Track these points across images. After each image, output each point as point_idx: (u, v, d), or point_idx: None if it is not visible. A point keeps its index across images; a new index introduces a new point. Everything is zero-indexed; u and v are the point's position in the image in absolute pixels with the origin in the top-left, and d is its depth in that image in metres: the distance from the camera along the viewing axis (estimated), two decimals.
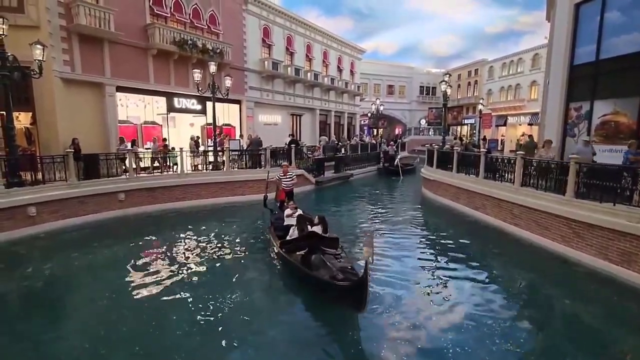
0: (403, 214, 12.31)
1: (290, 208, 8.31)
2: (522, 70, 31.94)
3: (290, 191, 9.82)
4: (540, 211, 8.32)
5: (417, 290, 6.15)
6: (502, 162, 10.65)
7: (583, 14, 11.09)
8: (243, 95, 19.43)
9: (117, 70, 13.57)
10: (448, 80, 16.14)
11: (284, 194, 9.74)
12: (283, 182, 9.67)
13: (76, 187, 10.26)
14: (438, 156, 14.55)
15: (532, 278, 6.95)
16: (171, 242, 8.92)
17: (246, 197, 13.55)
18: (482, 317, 5.28)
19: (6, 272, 7.06)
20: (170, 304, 5.75)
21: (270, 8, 20.93)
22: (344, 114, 29.79)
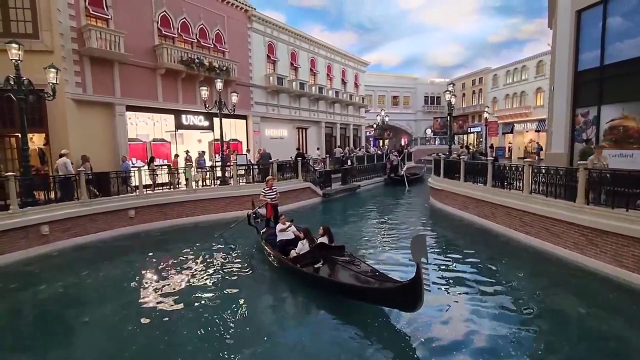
0: (412, 225, 12.22)
1: (282, 222, 8.23)
2: (526, 78, 31.94)
3: (276, 206, 9.73)
4: (551, 218, 8.20)
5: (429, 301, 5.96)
6: (510, 169, 10.57)
7: (585, 20, 11.14)
8: (249, 110, 19.74)
9: (126, 90, 13.96)
10: (452, 89, 16.20)
11: (271, 209, 9.62)
12: (268, 196, 9.51)
13: (87, 205, 10.44)
14: (445, 165, 14.49)
15: (546, 286, 6.80)
16: (181, 257, 8.96)
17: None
18: (494, 327, 5.19)
19: (20, 290, 7.16)
20: (181, 319, 5.76)
21: (275, 25, 21.43)
22: (350, 125, 29.99)
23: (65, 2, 12.15)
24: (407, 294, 4.66)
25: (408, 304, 4.77)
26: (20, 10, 11.59)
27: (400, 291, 4.80)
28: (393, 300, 5.12)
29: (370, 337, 5.07)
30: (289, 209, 14.63)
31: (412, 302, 4.63)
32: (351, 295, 5.73)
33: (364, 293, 5.56)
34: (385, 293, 5.21)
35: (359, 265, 6.39)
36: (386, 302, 5.37)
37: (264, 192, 9.60)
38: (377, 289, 5.37)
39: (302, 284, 6.74)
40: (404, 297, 4.76)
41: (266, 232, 8.92)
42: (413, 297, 4.56)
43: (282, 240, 7.98)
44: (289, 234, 8.08)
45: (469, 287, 6.73)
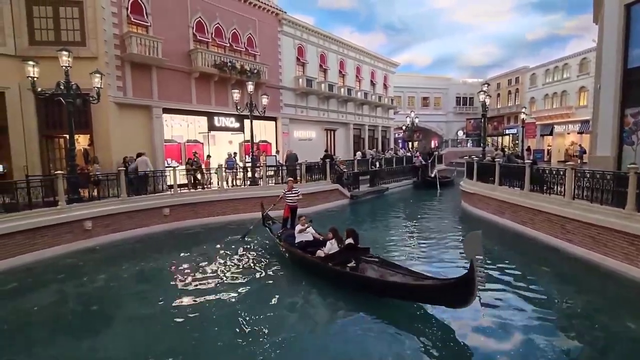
0: (443, 230, 11.86)
1: (302, 224, 8.14)
2: (568, 76, 30.18)
3: (295, 208, 9.67)
4: (597, 226, 7.66)
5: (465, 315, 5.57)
6: (550, 173, 10.00)
7: (635, 14, 10.36)
8: (278, 112, 20.01)
9: (163, 93, 14.59)
10: (487, 89, 15.61)
11: (289, 210, 9.59)
12: (288, 197, 9.54)
13: (126, 202, 10.99)
14: (478, 168, 13.97)
15: (591, 300, 6.36)
16: (212, 255, 9.22)
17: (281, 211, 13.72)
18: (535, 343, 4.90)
19: (66, 281, 7.65)
20: (211, 316, 5.90)
21: (304, 28, 21.63)
22: (378, 127, 29.67)
23: (110, 12, 12.90)
24: (460, 289, 4.74)
25: (460, 299, 4.86)
26: (70, 20, 12.43)
27: (454, 287, 4.87)
28: (445, 296, 5.15)
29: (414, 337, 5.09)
30: (317, 210, 14.69)
31: (465, 297, 4.73)
32: (395, 294, 5.83)
33: (412, 291, 5.60)
34: (438, 290, 5.24)
35: (391, 265, 6.51)
36: (436, 299, 5.40)
37: (285, 193, 9.70)
38: (429, 286, 5.38)
39: (333, 284, 6.72)
40: (457, 293, 4.84)
41: (284, 234, 8.88)
42: (466, 293, 4.66)
43: (302, 241, 7.93)
44: (307, 236, 8.04)
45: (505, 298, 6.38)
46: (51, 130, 12.68)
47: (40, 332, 5.59)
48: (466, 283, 4.61)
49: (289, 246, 7.99)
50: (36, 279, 7.70)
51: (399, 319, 5.55)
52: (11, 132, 12.02)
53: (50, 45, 11.62)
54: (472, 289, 4.55)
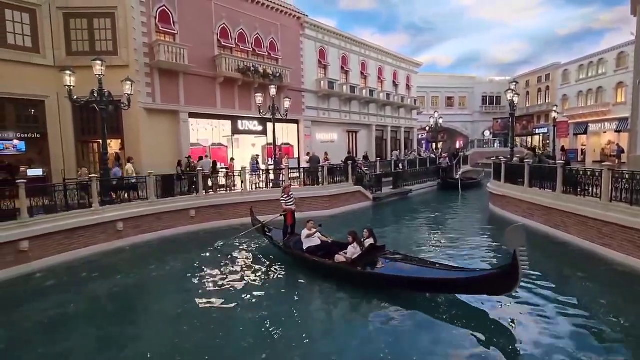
0: (469, 233, 11.50)
1: (309, 228, 8.02)
2: (604, 72, 28.61)
3: (294, 212, 9.31)
4: (637, 229, 7.21)
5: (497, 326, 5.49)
6: (584, 174, 9.51)
7: None
8: (301, 115, 20.16)
9: (190, 99, 15.06)
10: (515, 88, 15.07)
11: (291, 216, 9.20)
12: (287, 204, 9.15)
13: (155, 204, 11.39)
14: (506, 169, 13.48)
15: (634, 309, 5.97)
16: (236, 256, 9.40)
17: (305, 213, 13.78)
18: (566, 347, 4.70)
19: (100, 279, 8.02)
20: (237, 315, 6.03)
21: (326, 31, 21.71)
22: (401, 128, 29.27)
23: (139, 21, 13.47)
24: (506, 278, 5.13)
25: (505, 287, 5.28)
26: (103, 31, 13.10)
27: (501, 276, 5.22)
28: (491, 286, 5.48)
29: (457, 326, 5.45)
30: (340, 212, 14.66)
31: (510, 285, 5.17)
32: (434, 288, 6.21)
33: (456, 283, 5.88)
34: (485, 280, 5.53)
35: (416, 260, 6.88)
36: (481, 289, 5.74)
37: (283, 200, 9.25)
38: (481, 279, 5.63)
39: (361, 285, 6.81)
40: (504, 282, 5.21)
41: (291, 240, 8.68)
42: (511, 281, 5.08)
43: (311, 246, 7.86)
44: (315, 240, 7.98)
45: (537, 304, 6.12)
46: (86, 136, 13.38)
47: (79, 326, 5.96)
48: (511, 272, 5.01)
49: (301, 253, 7.95)
50: (73, 276, 8.12)
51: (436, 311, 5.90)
52: (50, 138, 12.80)
53: (85, 55, 12.28)
54: (517, 277, 4.96)
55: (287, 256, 8.65)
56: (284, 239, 8.95)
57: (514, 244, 4.89)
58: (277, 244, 9.00)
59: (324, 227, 8.47)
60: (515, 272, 4.95)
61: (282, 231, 9.28)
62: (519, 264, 4.85)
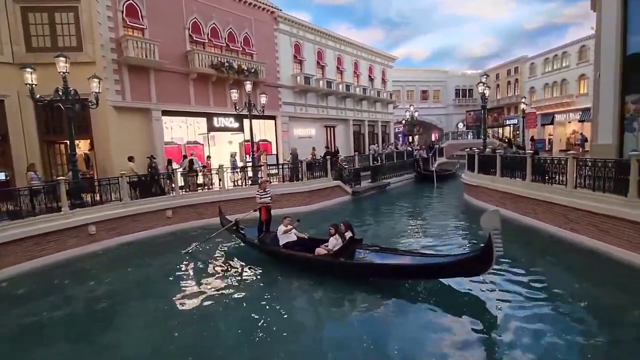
0: (447, 223, 11.85)
1: (285, 224, 8.01)
2: (568, 65, 30.01)
3: (269, 209, 9.12)
4: (600, 214, 7.67)
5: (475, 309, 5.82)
6: (551, 163, 9.98)
7: (633, 0, 10.29)
8: (277, 110, 19.99)
9: (162, 96, 14.59)
10: (486, 81, 15.57)
11: (266, 212, 9.02)
12: (263, 198, 8.98)
13: (129, 206, 11.03)
14: (479, 160, 13.94)
15: (599, 289, 6.36)
16: (212, 257, 9.21)
17: (284, 209, 13.76)
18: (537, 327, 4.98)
19: (72, 286, 7.69)
20: (218, 316, 5.96)
21: (300, 25, 21.55)
22: (378, 122, 29.60)
23: (105, 16, 12.88)
24: (483, 259, 5.53)
25: (481, 268, 5.68)
26: (66, 26, 12.44)
27: (478, 258, 5.61)
28: (468, 268, 5.90)
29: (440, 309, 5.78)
30: (319, 207, 14.72)
31: (485, 266, 5.55)
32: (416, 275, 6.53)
33: (438, 269, 6.23)
34: (463, 264, 5.89)
35: (393, 250, 7.25)
36: (458, 272, 6.12)
37: (258, 194, 9.09)
38: (458, 262, 5.98)
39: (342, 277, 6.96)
40: (479, 263, 5.61)
41: (267, 237, 8.58)
42: (486, 262, 5.47)
43: (288, 242, 7.87)
44: (292, 236, 7.97)
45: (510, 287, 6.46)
46: (52, 136, 12.73)
47: (55, 334, 5.72)
48: (487, 253, 5.41)
49: (278, 249, 7.92)
50: (44, 283, 7.76)
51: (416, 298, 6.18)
52: (12, 139, 12.07)
53: (47, 51, 11.62)
54: (492, 257, 5.35)
55: (263, 253, 8.54)
56: (259, 236, 8.80)
57: (488, 227, 5.28)
58: (252, 241, 8.80)
59: (302, 222, 8.48)
60: (490, 253, 5.34)
61: (256, 228, 9.12)
62: (494, 245, 5.25)
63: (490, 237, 5.30)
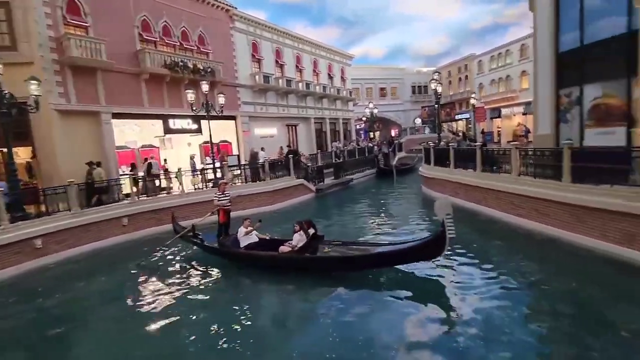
0: (407, 213, 12.39)
1: (245, 226, 7.93)
2: (511, 62, 32.21)
3: (229, 211, 8.89)
4: (540, 199, 8.38)
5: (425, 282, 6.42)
6: (498, 153, 10.73)
7: (563, 1, 11.27)
8: (237, 110, 19.65)
9: (111, 98, 13.80)
10: (438, 78, 16.36)
11: (224, 215, 8.77)
12: (222, 200, 8.72)
13: (79, 215, 10.37)
14: (435, 153, 14.64)
15: (538, 265, 6.98)
16: (174, 263, 8.89)
17: (248, 210, 13.60)
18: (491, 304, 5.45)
19: (18, 304, 7.12)
20: (182, 326, 5.75)
21: (257, 23, 21.30)
22: (339, 120, 30.01)
23: (42, 12, 11.94)
24: (438, 243, 5.98)
25: (436, 252, 6.16)
26: None
27: (434, 242, 6.06)
28: (425, 253, 6.33)
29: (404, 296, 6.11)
30: (283, 206, 14.72)
31: (440, 249, 6.04)
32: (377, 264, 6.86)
33: (398, 255, 6.62)
34: (421, 249, 6.29)
35: (355, 243, 7.60)
36: (417, 257, 6.52)
37: (216, 196, 8.84)
38: (414, 247, 6.39)
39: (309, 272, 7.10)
40: (434, 247, 6.07)
41: (227, 240, 8.30)
42: (441, 245, 5.96)
43: (250, 244, 7.79)
44: (253, 238, 7.91)
45: (463, 269, 6.94)
46: None
47: None
48: (440, 237, 5.89)
49: (241, 251, 7.79)
50: None
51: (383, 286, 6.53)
52: None
53: None
54: (445, 241, 5.86)
55: (224, 257, 8.32)
56: (219, 240, 8.53)
57: (441, 214, 5.78)
58: (211, 246, 8.50)
59: (267, 222, 8.45)
60: (444, 237, 5.85)
61: (214, 233, 8.85)
62: (447, 229, 5.77)
63: (443, 222, 5.79)
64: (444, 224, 5.79)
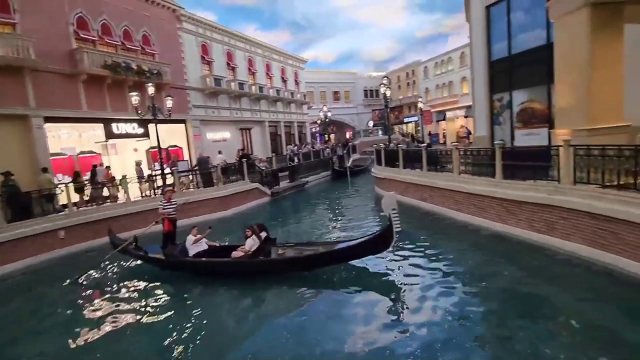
0: (360, 213, 12.78)
1: (194, 234, 7.74)
2: (452, 68, 34.53)
3: (174, 220, 8.59)
4: (478, 195, 9.12)
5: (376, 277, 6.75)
6: (442, 154, 11.47)
7: (494, 14, 12.41)
8: (187, 114, 18.99)
9: (43, 100, 12.66)
10: (387, 83, 17.10)
11: (170, 224, 8.44)
12: (167, 209, 8.38)
13: (6, 230, 9.38)
14: (385, 155, 15.26)
15: (475, 254, 7.66)
16: (119, 276, 8.38)
17: (201, 217, 13.20)
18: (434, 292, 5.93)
19: None
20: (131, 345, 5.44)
21: (207, 25, 20.76)
22: (294, 123, 30.13)
23: None
24: (386, 237, 6.35)
25: (385, 245, 6.48)
26: None
27: (382, 237, 6.42)
28: (374, 247, 6.66)
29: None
30: (237, 211, 14.49)
31: (388, 242, 6.39)
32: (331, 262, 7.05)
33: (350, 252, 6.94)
34: (371, 243, 6.64)
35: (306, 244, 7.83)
36: (367, 252, 6.86)
37: (162, 204, 8.47)
38: (364, 242, 6.75)
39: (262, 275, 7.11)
40: (383, 241, 6.42)
41: (175, 249, 7.85)
42: (389, 238, 6.32)
43: (199, 252, 7.59)
44: (203, 245, 7.73)
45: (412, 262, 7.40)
46: None
47: None
48: (388, 231, 6.27)
49: (190, 259, 7.50)
50: None
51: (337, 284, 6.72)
52: None
53: None
54: (392, 234, 6.26)
55: (171, 268, 7.88)
56: (164, 250, 8.07)
57: (387, 209, 6.16)
58: (157, 257, 8.02)
59: (219, 228, 8.29)
60: (391, 230, 6.25)
61: (158, 244, 8.40)
62: (393, 224, 6.16)
63: (390, 217, 6.17)
64: (391, 219, 6.18)
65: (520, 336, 4.55)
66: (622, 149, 5.76)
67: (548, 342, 4.35)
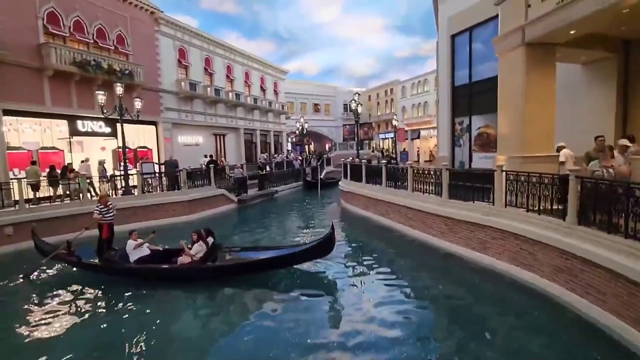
0: (322, 225, 12.94)
1: (134, 238, 7.57)
2: (427, 90, 35.88)
3: (113, 225, 8.45)
4: (426, 212, 9.57)
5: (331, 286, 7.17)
6: (399, 171, 11.95)
7: (457, 43, 13.20)
8: (159, 116, 18.86)
9: (3, 92, 12.37)
10: (357, 99, 17.64)
11: (108, 229, 8.25)
12: (104, 214, 8.12)
13: None
14: (350, 169, 15.67)
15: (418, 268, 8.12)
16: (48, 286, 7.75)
17: (162, 220, 13.09)
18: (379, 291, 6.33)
19: None
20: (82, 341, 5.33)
21: (185, 30, 20.85)
22: (270, 132, 30.30)
23: None
24: (330, 242, 7.06)
25: (328, 249, 7.20)
26: None
27: (325, 242, 7.07)
28: (319, 251, 7.24)
29: None
30: (202, 217, 14.43)
31: (331, 248, 7.19)
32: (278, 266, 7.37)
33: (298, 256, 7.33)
34: (317, 248, 7.18)
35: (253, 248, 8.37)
36: (313, 256, 7.40)
37: (97, 209, 8.15)
38: (309, 248, 7.29)
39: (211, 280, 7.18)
40: (326, 246, 7.10)
41: (114, 255, 7.64)
42: (331, 244, 7.13)
43: (142, 257, 7.42)
44: (144, 250, 7.55)
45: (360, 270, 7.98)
46: None
47: None
48: (331, 237, 7.01)
49: (132, 266, 7.34)
50: None
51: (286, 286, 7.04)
52: None
53: None
54: (334, 240, 7.08)
55: (110, 274, 7.58)
56: (101, 256, 7.82)
57: (332, 218, 6.69)
58: (93, 263, 7.73)
59: (180, 232, 8.37)
60: (333, 237, 7.02)
61: (91, 249, 8.14)
62: (334, 231, 6.98)
63: (332, 225, 7.10)
64: (333, 226, 7.05)
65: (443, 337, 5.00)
66: (542, 176, 6.30)
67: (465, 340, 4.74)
